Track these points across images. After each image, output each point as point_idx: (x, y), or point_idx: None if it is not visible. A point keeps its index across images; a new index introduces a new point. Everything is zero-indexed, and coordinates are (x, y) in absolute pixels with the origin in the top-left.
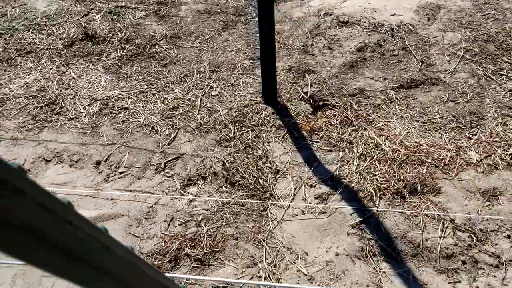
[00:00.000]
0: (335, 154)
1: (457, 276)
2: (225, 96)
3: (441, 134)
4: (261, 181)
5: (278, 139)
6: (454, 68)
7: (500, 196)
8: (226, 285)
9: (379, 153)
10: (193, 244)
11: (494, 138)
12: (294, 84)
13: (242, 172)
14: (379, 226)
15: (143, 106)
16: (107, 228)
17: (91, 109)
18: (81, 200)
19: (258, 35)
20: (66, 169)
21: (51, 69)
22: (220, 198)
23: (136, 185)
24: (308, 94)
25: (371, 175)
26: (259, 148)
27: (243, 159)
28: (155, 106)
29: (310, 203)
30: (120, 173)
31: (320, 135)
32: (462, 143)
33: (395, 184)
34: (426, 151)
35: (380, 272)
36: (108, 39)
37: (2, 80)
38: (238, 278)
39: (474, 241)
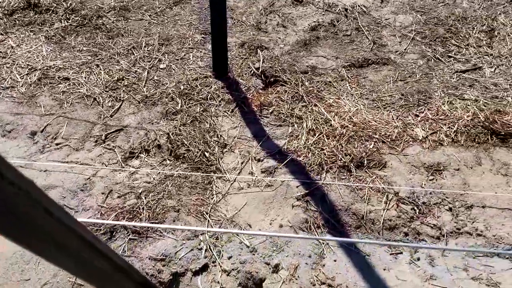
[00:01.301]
0: (284, 129)
1: (399, 248)
2: (174, 70)
3: (390, 112)
4: (207, 154)
5: (227, 113)
6: (405, 49)
7: (444, 171)
8: (164, 257)
9: (328, 128)
10: (131, 216)
11: (440, 116)
12: (246, 60)
13: (188, 145)
14: (324, 198)
15: (85, 77)
16: None
17: (29, 78)
18: None
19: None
20: None
21: None
22: (163, 170)
23: (74, 156)
24: (260, 70)
25: (319, 150)
26: (207, 122)
27: (189, 132)
28: (99, 78)
29: (256, 177)
30: (57, 144)
31: (270, 110)
32: (409, 120)
33: (342, 158)
34: (374, 127)
35: (323, 243)
36: (52, 9)
37: None
38: (176, 252)
39: (417, 213)
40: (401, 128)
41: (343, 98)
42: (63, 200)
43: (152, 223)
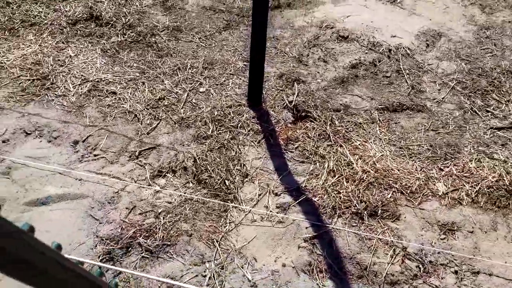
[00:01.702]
0: (306, 166)
1: None
2: (212, 94)
3: (415, 162)
4: (227, 182)
5: (254, 143)
6: (443, 98)
7: (457, 231)
8: (170, 279)
9: (349, 171)
10: (147, 235)
11: (465, 173)
12: (281, 92)
13: (211, 171)
14: (331, 243)
15: (131, 93)
16: (69, 207)
17: (81, 89)
18: (51, 176)
19: None
20: (44, 144)
21: (50, 44)
22: (184, 193)
23: (108, 169)
24: (293, 104)
25: (336, 192)
26: (233, 150)
27: (215, 158)
28: (143, 95)
29: (270, 211)
30: (95, 155)
31: (296, 146)
32: (432, 173)
33: (357, 205)
34: (396, 176)
35: None
36: (112, 23)
37: (1, 48)
38: (182, 276)
39: (421, 272)
40: (422, 181)
41: (370, 142)
42: (90, 211)
43: (164, 244)
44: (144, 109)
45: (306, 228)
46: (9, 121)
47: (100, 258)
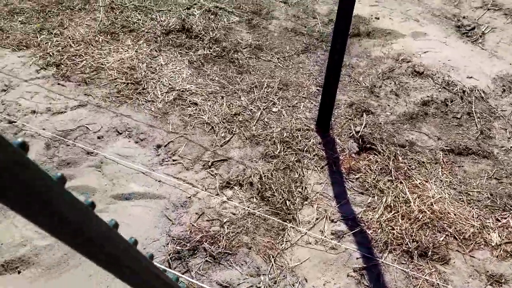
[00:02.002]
0: (364, 198)
1: None
2: (283, 115)
3: (472, 208)
4: (288, 203)
5: (317, 168)
6: (511, 147)
7: (504, 284)
8: (227, 285)
9: (405, 209)
10: (212, 241)
11: None
12: (350, 121)
13: (274, 190)
14: (379, 277)
15: (210, 106)
16: (148, 205)
17: (167, 97)
18: (136, 175)
19: None
20: (131, 144)
21: (145, 51)
22: (248, 207)
23: (183, 174)
24: (359, 134)
25: (390, 228)
26: (297, 172)
27: (279, 178)
28: (220, 109)
29: (325, 237)
30: (174, 160)
31: (357, 176)
32: (489, 222)
33: (409, 243)
34: (451, 220)
35: None
36: (200, 36)
37: (103, 50)
38: (239, 284)
39: None
40: (477, 229)
41: (431, 182)
42: (165, 211)
43: (226, 252)
44: (220, 122)
45: (357, 258)
46: (105, 119)
47: (170, 256)
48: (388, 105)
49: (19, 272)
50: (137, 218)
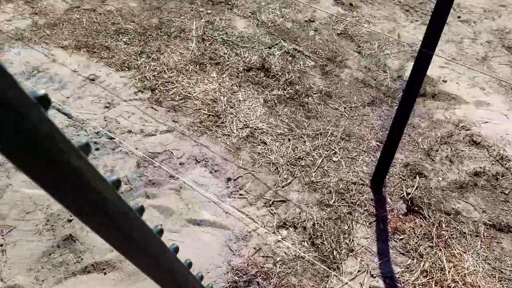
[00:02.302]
0: (404, 259)
1: None
2: (342, 166)
3: (503, 286)
4: (335, 252)
5: (365, 223)
6: None
7: None
8: None
9: (440, 276)
10: (265, 277)
11: None
12: (403, 181)
13: (324, 238)
14: None
15: (277, 147)
16: (215, 233)
17: (241, 133)
18: (207, 203)
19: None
20: (206, 174)
21: (227, 85)
22: (299, 250)
23: (247, 209)
24: (409, 196)
25: None
26: (347, 224)
27: (330, 228)
28: (286, 151)
29: None
30: (240, 194)
31: (401, 237)
32: None
33: None
34: None
35: None
36: (277, 76)
37: (191, 80)
38: None
39: None
40: None
41: (468, 254)
42: (229, 242)
43: None
44: (284, 164)
45: None
46: (187, 147)
47: (229, 284)
48: (441, 171)
49: (105, 274)
50: (205, 244)
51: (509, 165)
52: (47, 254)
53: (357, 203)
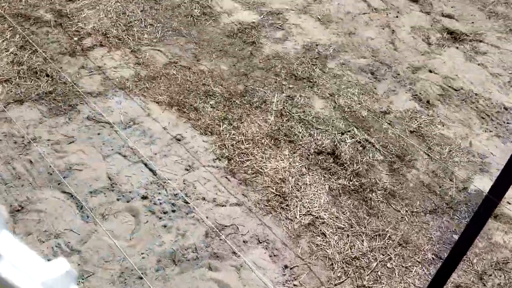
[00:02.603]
0: None
1: None
2: (395, 275)
3: None
4: None
5: None
6: None
7: None
8: None
9: None
10: None
11: None
12: None
13: None
14: None
15: (336, 242)
16: None
17: (303, 219)
18: (264, 286)
19: (451, 244)
20: (266, 257)
21: (297, 165)
22: None
23: None
24: None
25: None
26: None
27: None
28: (344, 248)
29: None
30: (294, 285)
31: None
32: None
33: None
34: None
35: None
36: (346, 165)
37: (265, 154)
38: None
39: None
40: None
41: None
42: None
43: None
44: (340, 261)
45: None
46: (252, 224)
47: None
48: None
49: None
50: None
51: None
52: None
53: None
